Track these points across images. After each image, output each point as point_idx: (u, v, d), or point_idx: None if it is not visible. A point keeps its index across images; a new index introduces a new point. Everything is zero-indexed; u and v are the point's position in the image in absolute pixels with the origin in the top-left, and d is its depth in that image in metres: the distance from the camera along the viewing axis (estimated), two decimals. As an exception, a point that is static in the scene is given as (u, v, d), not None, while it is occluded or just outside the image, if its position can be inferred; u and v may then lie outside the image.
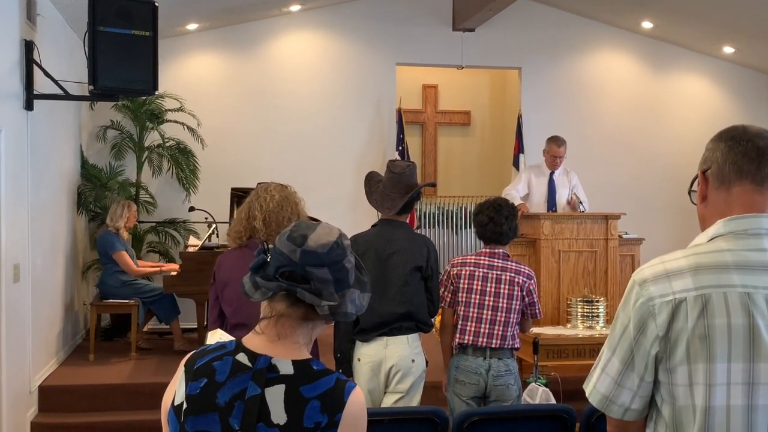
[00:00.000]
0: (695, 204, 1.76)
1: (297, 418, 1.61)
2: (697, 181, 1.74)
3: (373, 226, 4.03)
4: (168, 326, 7.25)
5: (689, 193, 1.78)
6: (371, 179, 4.06)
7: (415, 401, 3.89)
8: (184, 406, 1.67)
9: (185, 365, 1.72)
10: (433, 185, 8.22)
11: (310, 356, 1.72)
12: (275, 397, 1.63)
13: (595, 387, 1.69)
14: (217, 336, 2.79)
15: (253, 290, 1.70)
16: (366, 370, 3.83)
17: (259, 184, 3.34)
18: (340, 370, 3.84)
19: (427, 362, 3.96)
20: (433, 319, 5.57)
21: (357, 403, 1.67)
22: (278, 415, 1.62)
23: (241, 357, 1.68)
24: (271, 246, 1.74)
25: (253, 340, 1.71)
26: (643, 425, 1.69)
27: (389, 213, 3.95)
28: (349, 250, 1.73)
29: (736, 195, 1.66)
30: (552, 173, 6.95)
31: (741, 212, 1.65)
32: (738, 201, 1.66)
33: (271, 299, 1.70)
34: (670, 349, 1.58)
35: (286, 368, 1.66)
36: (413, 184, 3.98)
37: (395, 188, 3.93)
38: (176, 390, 1.71)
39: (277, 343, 1.69)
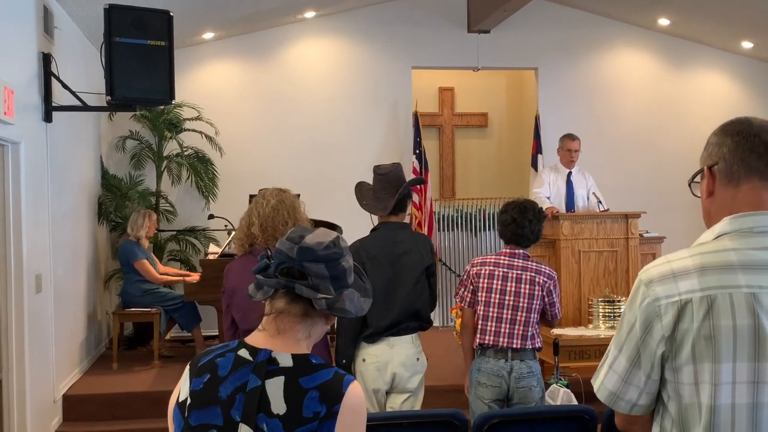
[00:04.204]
0: (697, 196, 1.76)
1: (296, 408, 1.65)
2: (701, 174, 1.73)
3: (372, 230, 3.97)
4: (190, 333, 7.29)
5: (690, 185, 1.78)
6: (361, 187, 4.03)
7: (420, 399, 3.89)
8: (188, 401, 1.73)
9: (190, 364, 1.80)
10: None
11: (309, 352, 1.77)
12: (275, 388, 1.68)
13: (603, 383, 1.71)
14: None
15: (256, 290, 1.76)
16: (371, 371, 3.78)
17: (260, 190, 3.34)
18: None
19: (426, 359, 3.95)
20: (453, 321, 5.53)
21: (355, 395, 1.71)
22: (278, 405, 1.66)
23: (243, 352, 1.74)
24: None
25: (254, 337, 1.78)
26: (651, 419, 1.71)
27: (383, 213, 3.91)
28: (347, 251, 1.79)
29: (744, 192, 1.65)
30: (569, 174, 6.91)
31: (748, 210, 1.64)
32: (746, 198, 1.65)
33: (272, 297, 1.76)
34: (676, 349, 1.60)
35: (285, 361, 1.72)
36: (401, 182, 3.93)
37: (385, 189, 3.90)
38: (181, 388, 1.77)
39: (277, 337, 1.75)
